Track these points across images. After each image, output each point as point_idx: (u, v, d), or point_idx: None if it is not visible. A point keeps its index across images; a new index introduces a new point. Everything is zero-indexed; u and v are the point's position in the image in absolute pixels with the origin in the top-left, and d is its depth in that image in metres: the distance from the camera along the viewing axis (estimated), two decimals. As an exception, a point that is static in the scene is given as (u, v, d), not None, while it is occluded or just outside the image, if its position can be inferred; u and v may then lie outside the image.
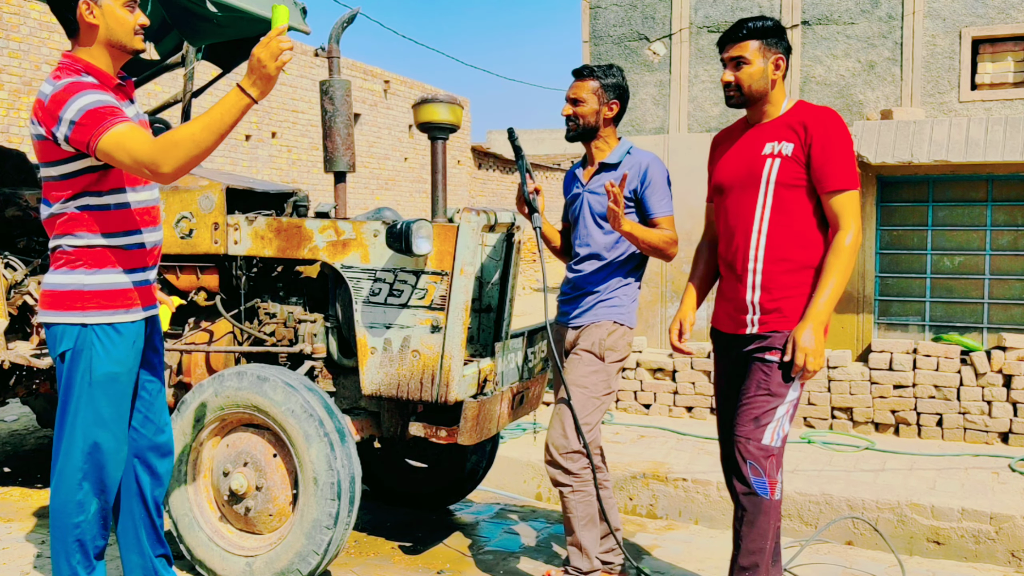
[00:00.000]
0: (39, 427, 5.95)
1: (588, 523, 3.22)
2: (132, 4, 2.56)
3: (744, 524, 2.82)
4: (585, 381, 3.21)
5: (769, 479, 2.78)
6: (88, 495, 2.65)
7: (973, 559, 4.60)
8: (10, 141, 9.85)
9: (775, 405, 2.80)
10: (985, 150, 6.15)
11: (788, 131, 2.81)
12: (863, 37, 6.95)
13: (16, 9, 10.16)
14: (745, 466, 2.80)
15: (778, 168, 2.79)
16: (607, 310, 3.26)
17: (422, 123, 3.33)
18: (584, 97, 3.29)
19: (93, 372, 2.60)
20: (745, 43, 2.83)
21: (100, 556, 2.75)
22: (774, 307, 2.82)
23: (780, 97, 2.88)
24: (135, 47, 2.59)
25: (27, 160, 4.75)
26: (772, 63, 2.83)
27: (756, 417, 2.81)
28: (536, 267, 19.42)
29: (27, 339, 3.96)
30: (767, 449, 2.79)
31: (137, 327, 2.70)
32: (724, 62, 2.89)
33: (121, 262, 2.64)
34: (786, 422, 2.83)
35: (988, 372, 6.14)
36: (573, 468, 3.17)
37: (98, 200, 2.58)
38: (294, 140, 15.31)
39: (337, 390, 3.61)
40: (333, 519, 3.12)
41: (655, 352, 7.27)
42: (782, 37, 2.86)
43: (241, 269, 3.70)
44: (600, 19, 7.77)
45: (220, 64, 5.00)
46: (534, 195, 3.24)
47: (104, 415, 2.63)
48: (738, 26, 2.85)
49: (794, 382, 2.80)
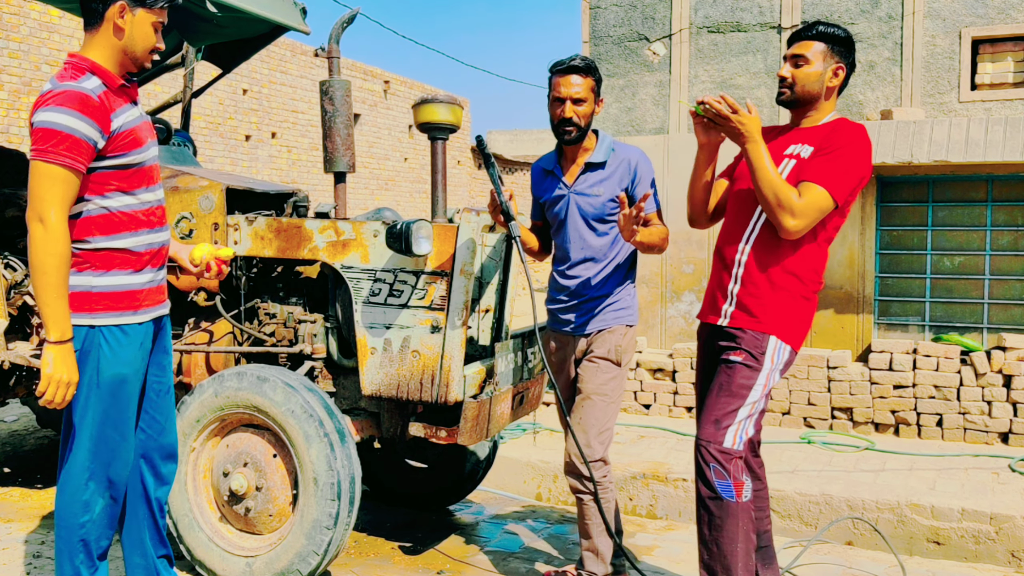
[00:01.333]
0: (39, 427, 5.95)
1: (605, 530, 3.20)
2: (159, 27, 2.61)
3: (712, 528, 2.77)
4: (606, 389, 3.18)
5: (735, 481, 2.73)
6: (94, 495, 2.65)
7: (973, 559, 4.60)
8: (10, 141, 9.86)
9: (736, 407, 2.76)
10: (985, 150, 6.15)
11: (817, 139, 2.78)
12: (863, 37, 6.95)
13: (16, 9, 10.16)
14: (708, 470, 2.76)
15: (791, 169, 2.77)
16: (617, 314, 3.23)
17: (422, 123, 3.33)
18: (586, 97, 3.12)
19: (100, 373, 2.60)
20: (811, 43, 2.80)
21: (103, 556, 2.74)
22: (747, 303, 2.81)
23: (829, 108, 2.85)
24: (145, 64, 2.64)
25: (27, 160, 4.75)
26: (832, 70, 2.80)
27: (717, 419, 2.78)
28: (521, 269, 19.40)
29: (27, 339, 3.96)
30: (729, 452, 2.74)
31: (144, 328, 2.70)
32: (786, 58, 2.87)
33: (128, 264, 2.64)
34: (749, 425, 2.78)
35: (988, 372, 6.14)
36: (596, 476, 3.14)
37: (101, 203, 2.59)
38: (294, 140, 15.31)
39: (337, 390, 3.61)
40: (333, 519, 3.11)
41: (655, 352, 7.27)
42: (850, 50, 2.83)
43: (241, 269, 3.70)
44: (600, 19, 7.77)
45: (220, 64, 5.00)
46: (509, 201, 3.04)
47: (111, 416, 2.64)
48: (810, 26, 2.83)
49: (756, 384, 2.76)
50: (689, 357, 6.89)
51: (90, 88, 2.50)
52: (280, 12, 4.27)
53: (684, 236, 7.25)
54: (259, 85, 14.48)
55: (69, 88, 2.47)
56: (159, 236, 2.74)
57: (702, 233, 7.19)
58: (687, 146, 7.20)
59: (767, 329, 2.79)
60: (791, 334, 2.81)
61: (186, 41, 4.65)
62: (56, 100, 2.45)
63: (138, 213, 2.66)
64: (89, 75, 2.53)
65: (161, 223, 2.76)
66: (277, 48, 14.69)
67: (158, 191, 2.76)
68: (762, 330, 2.79)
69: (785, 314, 2.79)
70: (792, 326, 2.81)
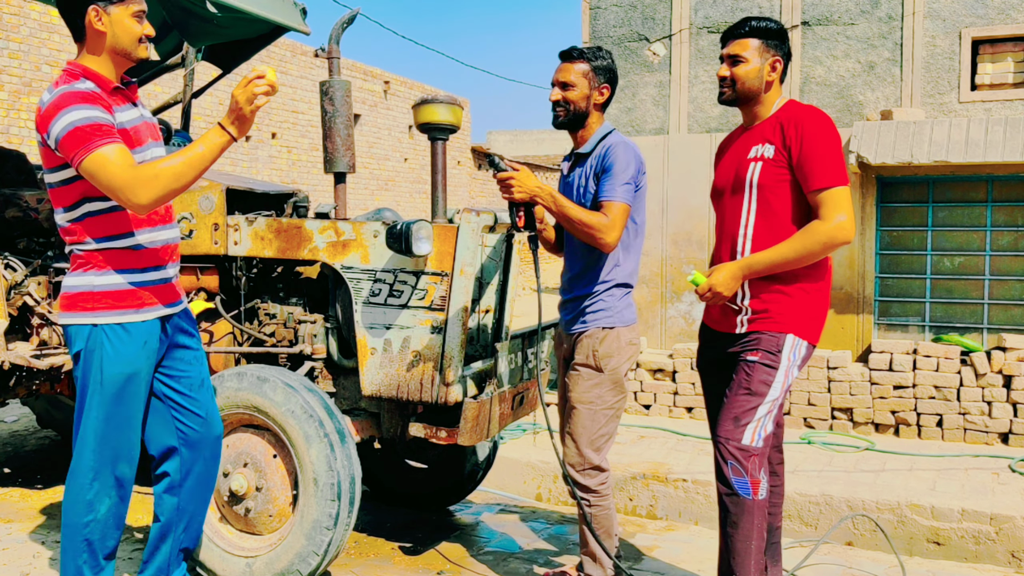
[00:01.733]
0: (39, 428, 5.95)
1: (604, 535, 3.16)
2: (140, 15, 2.62)
3: (728, 526, 2.79)
4: (588, 397, 3.12)
5: (751, 479, 2.75)
6: (99, 495, 2.66)
7: (973, 560, 4.60)
8: (10, 141, 9.86)
9: (755, 404, 2.78)
10: (985, 150, 6.15)
11: (772, 132, 2.80)
12: (863, 38, 6.95)
13: (16, 10, 10.17)
14: (726, 467, 2.78)
15: (760, 171, 2.80)
16: (594, 315, 3.12)
17: (422, 124, 3.32)
18: (574, 80, 3.09)
19: (104, 372, 2.62)
20: (745, 40, 2.84)
21: (111, 556, 2.75)
22: (762, 308, 2.82)
23: (774, 97, 2.87)
24: (139, 56, 2.65)
25: (27, 161, 4.75)
26: (769, 64, 2.83)
27: (736, 416, 2.79)
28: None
29: (27, 339, 3.96)
30: (748, 449, 2.76)
31: (149, 326, 2.69)
32: (722, 58, 2.89)
33: (130, 262, 2.65)
34: (768, 422, 2.80)
35: (988, 373, 6.14)
36: (591, 484, 3.11)
37: (100, 204, 2.61)
38: (294, 141, 15.32)
39: (337, 391, 3.61)
40: (333, 520, 3.11)
41: (655, 352, 7.27)
42: (783, 41, 2.86)
43: (241, 270, 3.70)
44: (600, 19, 7.77)
45: (220, 64, 5.00)
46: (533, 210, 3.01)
47: (115, 414, 2.65)
48: (741, 23, 2.86)
49: (775, 381, 2.77)
50: (689, 357, 6.88)
51: (85, 87, 2.55)
52: (280, 12, 4.27)
53: (684, 236, 7.26)
54: (259, 85, 14.44)
55: (65, 91, 2.52)
56: (162, 234, 2.74)
57: (702, 233, 7.19)
58: (687, 146, 7.20)
59: (783, 328, 2.80)
60: (807, 330, 2.82)
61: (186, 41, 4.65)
62: (61, 105, 2.49)
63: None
64: (83, 79, 2.57)
65: (165, 221, 2.76)
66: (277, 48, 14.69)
67: None
68: (779, 330, 2.80)
69: (797, 311, 2.81)
70: (807, 321, 2.82)
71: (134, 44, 2.62)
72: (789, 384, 2.84)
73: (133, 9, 2.59)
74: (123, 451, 2.68)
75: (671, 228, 7.29)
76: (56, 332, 3.88)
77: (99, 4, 2.55)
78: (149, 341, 2.69)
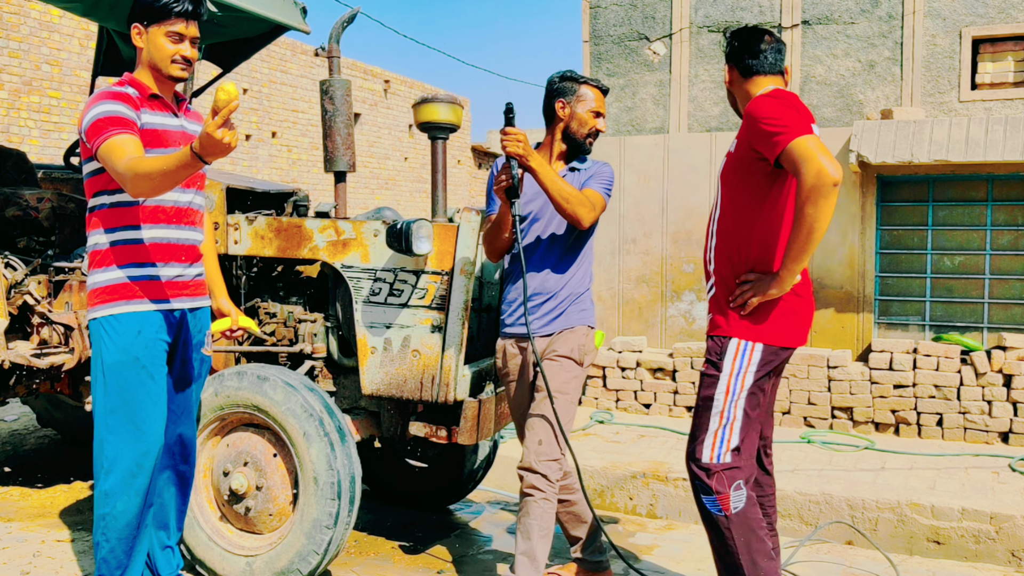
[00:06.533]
0: (39, 427, 5.95)
1: (546, 535, 3.02)
2: (176, 36, 2.76)
3: (712, 542, 2.75)
4: (567, 387, 3.05)
5: (718, 495, 2.66)
6: (114, 487, 2.75)
7: (973, 559, 4.60)
8: (10, 141, 9.86)
9: (704, 417, 2.71)
10: (985, 150, 6.15)
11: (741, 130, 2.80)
12: (863, 37, 6.95)
13: (16, 9, 10.17)
14: (695, 488, 2.73)
15: (723, 166, 2.84)
16: (580, 314, 3.12)
17: (422, 123, 3.32)
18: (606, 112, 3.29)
19: (104, 362, 2.75)
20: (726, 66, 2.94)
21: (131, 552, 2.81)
22: (714, 308, 2.80)
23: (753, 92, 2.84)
24: (170, 73, 2.79)
25: (27, 160, 4.75)
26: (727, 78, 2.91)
27: (692, 433, 2.75)
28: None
29: (27, 338, 3.96)
30: (708, 467, 2.68)
31: (142, 317, 2.76)
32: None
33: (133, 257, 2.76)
34: (728, 434, 2.68)
35: (988, 372, 6.14)
36: (551, 475, 3.00)
37: (108, 198, 2.75)
38: (294, 140, 15.32)
39: (337, 390, 3.61)
40: (333, 519, 3.12)
41: (655, 352, 7.27)
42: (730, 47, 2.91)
43: (241, 269, 3.70)
44: (600, 19, 7.77)
45: (220, 64, 5.00)
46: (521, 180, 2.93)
47: (114, 404, 2.74)
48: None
49: (717, 390, 2.68)
50: (689, 357, 6.89)
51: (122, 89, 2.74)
52: (280, 11, 4.27)
53: (684, 235, 7.25)
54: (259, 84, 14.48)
55: (102, 90, 2.74)
56: (172, 232, 2.83)
57: (702, 232, 7.18)
58: (687, 146, 7.20)
59: (726, 332, 2.73)
60: (762, 331, 2.69)
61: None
62: (93, 101, 2.69)
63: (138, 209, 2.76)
64: (126, 85, 2.77)
65: (176, 221, 2.85)
66: (277, 48, 14.69)
67: (186, 193, 2.87)
68: (721, 334, 2.74)
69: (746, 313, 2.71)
70: (760, 322, 2.69)
71: (166, 62, 2.77)
72: (741, 392, 2.69)
73: (167, 29, 2.75)
74: (131, 442, 2.75)
75: (671, 227, 7.28)
76: (56, 331, 3.89)
77: (140, 22, 2.76)
78: (144, 331, 2.77)
